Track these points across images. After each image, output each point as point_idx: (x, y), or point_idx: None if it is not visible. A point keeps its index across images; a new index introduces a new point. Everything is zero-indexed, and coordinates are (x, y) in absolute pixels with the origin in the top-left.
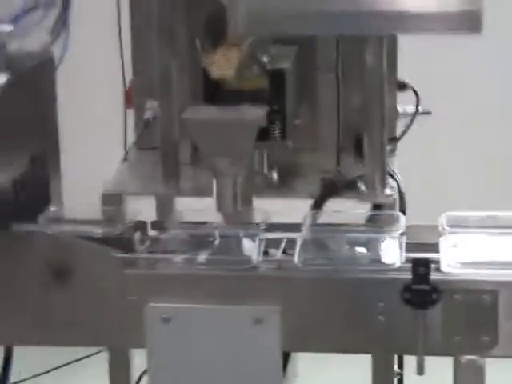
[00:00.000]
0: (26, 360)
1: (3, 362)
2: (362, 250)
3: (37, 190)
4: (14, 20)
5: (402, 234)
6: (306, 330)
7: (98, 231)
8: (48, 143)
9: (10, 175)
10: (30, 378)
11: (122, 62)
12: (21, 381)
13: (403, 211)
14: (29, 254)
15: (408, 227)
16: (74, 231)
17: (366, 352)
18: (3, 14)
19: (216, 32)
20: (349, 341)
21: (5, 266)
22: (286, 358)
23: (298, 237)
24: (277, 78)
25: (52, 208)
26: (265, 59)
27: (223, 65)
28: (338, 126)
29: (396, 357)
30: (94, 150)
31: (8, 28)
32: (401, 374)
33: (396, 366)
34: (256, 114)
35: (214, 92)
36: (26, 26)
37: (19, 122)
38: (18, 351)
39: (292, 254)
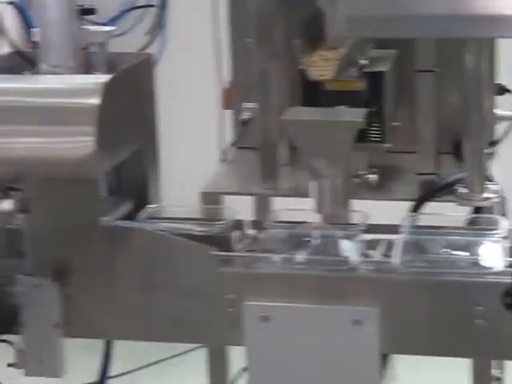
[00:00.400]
0: (124, 355)
1: (103, 356)
2: (461, 252)
3: (135, 186)
4: (114, 20)
5: (504, 238)
6: (404, 332)
7: (196, 229)
8: (147, 141)
9: (110, 169)
10: (128, 372)
11: (219, 61)
12: (119, 375)
13: (504, 215)
14: (128, 250)
15: (510, 231)
16: (172, 228)
17: (464, 356)
18: (103, 14)
19: (314, 34)
20: (447, 344)
21: (106, 262)
22: (384, 360)
23: (397, 239)
24: (375, 80)
25: (150, 205)
26: (363, 62)
27: (322, 66)
28: (437, 129)
29: (495, 361)
30: (191, 149)
31: (108, 28)
32: (500, 379)
33: (496, 371)
34: (355, 115)
35: (313, 93)
36: (125, 26)
37: (120, 119)
38: (116, 346)
39: (390, 256)
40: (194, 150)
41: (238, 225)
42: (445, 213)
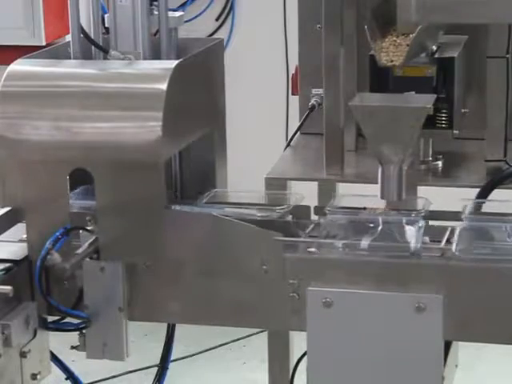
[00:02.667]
0: (185, 339)
1: (166, 339)
2: None
3: (202, 168)
4: (183, 6)
5: None
6: (468, 320)
7: (259, 214)
8: (216, 125)
9: (177, 151)
10: (188, 356)
11: (286, 47)
12: (180, 358)
13: None
14: (192, 234)
15: None
16: (236, 213)
17: None
18: (173, 0)
19: (385, 19)
20: (509, 332)
21: (170, 246)
22: (447, 347)
23: (461, 225)
24: (445, 66)
25: (217, 189)
26: (433, 48)
27: (392, 52)
28: (507, 115)
29: None
30: (257, 134)
31: (178, 14)
32: None
33: None
34: (424, 101)
35: (381, 79)
36: (194, 12)
37: (188, 104)
38: (177, 330)
39: (454, 243)
40: (260, 135)
41: (303, 210)
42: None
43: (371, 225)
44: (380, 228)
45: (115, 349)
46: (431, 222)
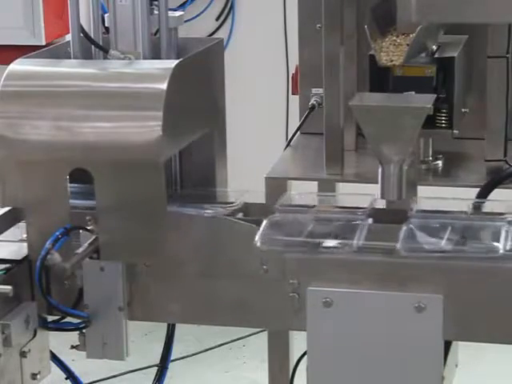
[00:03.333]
0: (185, 339)
1: (166, 339)
2: None
3: (202, 168)
4: (183, 5)
5: None
6: (468, 319)
7: (208, 211)
8: (216, 125)
9: (177, 151)
10: (188, 356)
11: (286, 47)
12: (179, 358)
13: None
14: (191, 234)
15: None
16: (210, 212)
17: None
18: (173, 0)
19: (385, 19)
20: (510, 331)
21: (170, 246)
22: (447, 346)
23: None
24: (445, 66)
25: (217, 188)
26: (433, 47)
27: (392, 52)
28: (507, 115)
29: None
30: (257, 133)
31: (178, 13)
32: None
33: None
34: (424, 101)
35: (381, 79)
36: (194, 12)
37: (188, 104)
38: (177, 330)
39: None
40: (260, 134)
41: (304, 209)
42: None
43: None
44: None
45: (115, 348)
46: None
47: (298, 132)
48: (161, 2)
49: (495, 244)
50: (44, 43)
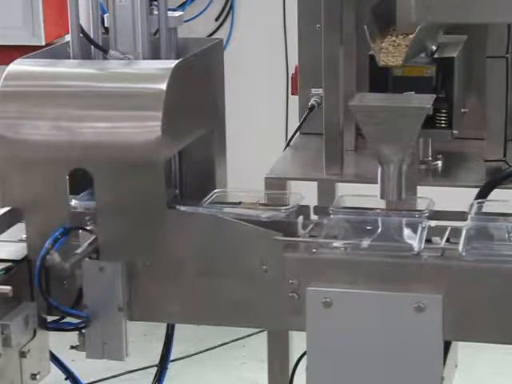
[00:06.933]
0: (184, 339)
1: (165, 339)
2: None
3: (202, 168)
4: (183, 6)
5: None
6: (467, 320)
7: (261, 215)
8: (215, 125)
9: (177, 151)
10: (187, 356)
11: (286, 47)
12: (179, 358)
13: None
14: (192, 234)
15: None
16: (236, 213)
17: None
18: (172, 0)
19: (384, 19)
20: (509, 331)
21: (170, 246)
22: (446, 347)
23: (463, 226)
24: (445, 66)
25: (216, 189)
26: (433, 48)
27: (391, 53)
28: (507, 115)
29: None
30: (257, 134)
31: (178, 14)
32: None
33: None
34: (423, 101)
35: (380, 79)
36: (193, 12)
37: (188, 104)
38: (177, 331)
39: (456, 243)
40: (259, 134)
41: (303, 210)
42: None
43: (372, 225)
44: (381, 228)
45: (115, 348)
46: (434, 222)
47: (298, 132)
48: (160, 2)
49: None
50: (43, 43)
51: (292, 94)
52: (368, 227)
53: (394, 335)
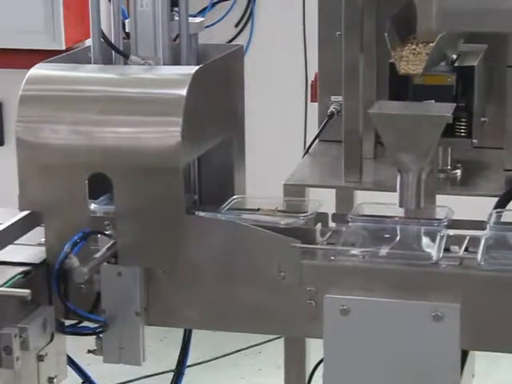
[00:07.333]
0: (201, 345)
1: (182, 345)
2: None
3: (221, 174)
4: (203, 12)
5: None
6: (484, 329)
7: (279, 221)
8: (234, 131)
9: (196, 157)
10: (204, 362)
11: (305, 54)
12: (196, 364)
13: None
14: (210, 240)
15: None
16: (254, 220)
17: None
18: (193, 6)
19: (405, 28)
20: None
21: (188, 251)
22: (463, 356)
23: (482, 235)
24: (465, 75)
25: (235, 195)
26: (453, 56)
27: (412, 61)
28: None
29: None
30: (276, 140)
31: (198, 20)
32: None
33: None
34: (443, 110)
35: (401, 87)
36: (213, 18)
37: (208, 110)
38: (194, 336)
39: (474, 252)
40: (278, 141)
41: (321, 217)
42: None
43: (391, 233)
44: (399, 237)
45: (132, 353)
46: (452, 231)
47: (317, 139)
48: (181, 8)
49: None
50: (64, 48)
51: (311, 102)
52: (386, 235)
53: (411, 344)
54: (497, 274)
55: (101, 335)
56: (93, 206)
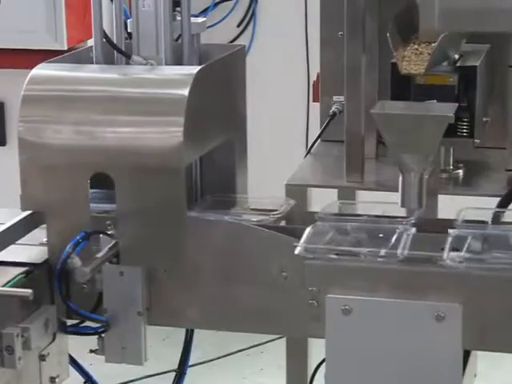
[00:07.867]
0: (203, 344)
1: (184, 344)
2: None
3: (223, 175)
4: (205, 12)
5: None
6: (487, 329)
7: (250, 219)
8: (236, 131)
9: (198, 157)
10: (206, 362)
11: (307, 54)
12: (198, 363)
13: None
14: (212, 240)
15: None
16: (256, 220)
17: None
18: (195, 6)
19: (407, 27)
20: None
21: (190, 251)
22: (465, 356)
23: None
24: (467, 75)
25: (237, 195)
26: (455, 56)
27: (414, 61)
28: None
29: None
30: (278, 140)
31: (201, 20)
32: None
33: None
34: (445, 110)
35: (403, 87)
36: (215, 18)
37: (210, 110)
38: (196, 336)
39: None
40: (280, 141)
41: (291, 216)
42: None
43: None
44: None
45: (134, 353)
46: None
47: (319, 139)
48: (183, 8)
49: None
50: (66, 48)
51: (313, 102)
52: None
53: (414, 344)
54: (499, 273)
55: (103, 335)
56: (94, 206)
